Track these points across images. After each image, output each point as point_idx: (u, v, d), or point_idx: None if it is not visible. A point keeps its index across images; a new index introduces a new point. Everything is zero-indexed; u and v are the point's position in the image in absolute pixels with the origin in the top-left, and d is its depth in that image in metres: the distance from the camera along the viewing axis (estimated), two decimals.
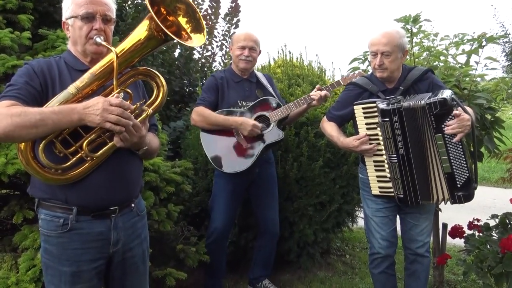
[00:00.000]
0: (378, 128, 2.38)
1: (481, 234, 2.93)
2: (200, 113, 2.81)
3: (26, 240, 2.16)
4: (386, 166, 2.41)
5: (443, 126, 2.21)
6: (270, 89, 2.97)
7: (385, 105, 2.33)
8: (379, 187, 2.46)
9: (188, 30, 1.62)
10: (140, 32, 1.54)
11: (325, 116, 2.73)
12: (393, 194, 2.43)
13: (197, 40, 1.62)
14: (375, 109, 2.36)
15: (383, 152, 2.40)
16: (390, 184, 2.42)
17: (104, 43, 1.57)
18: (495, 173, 8.13)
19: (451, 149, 2.24)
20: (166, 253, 2.78)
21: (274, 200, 3.04)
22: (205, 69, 4.84)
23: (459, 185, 2.27)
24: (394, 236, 2.59)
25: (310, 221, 3.32)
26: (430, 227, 2.66)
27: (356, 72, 2.97)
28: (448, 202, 2.41)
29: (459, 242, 3.15)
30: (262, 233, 3.06)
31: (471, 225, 2.90)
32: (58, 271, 1.61)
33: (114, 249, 1.68)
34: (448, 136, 2.21)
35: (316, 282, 3.37)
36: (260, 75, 3.06)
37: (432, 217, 2.66)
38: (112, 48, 1.50)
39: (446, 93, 2.25)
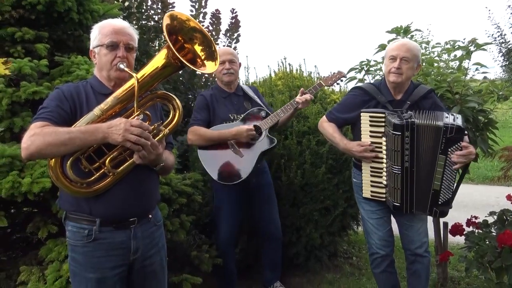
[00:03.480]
0: (384, 138, 2.48)
1: (480, 231, 3.06)
2: (195, 132, 2.95)
3: (51, 253, 2.32)
4: (384, 173, 2.52)
5: (449, 150, 2.35)
6: (257, 100, 3.12)
7: (398, 119, 2.41)
8: (371, 191, 2.60)
9: (203, 58, 1.78)
10: (159, 59, 1.71)
11: (325, 116, 2.79)
12: (383, 199, 2.56)
13: (210, 68, 1.78)
14: (383, 119, 2.47)
15: (384, 161, 2.51)
16: (383, 190, 2.55)
17: (126, 69, 1.73)
18: (498, 171, 8.23)
19: (447, 172, 2.39)
20: (181, 260, 2.92)
21: (274, 205, 3.18)
22: (208, 83, 5.00)
23: (440, 203, 2.44)
24: (391, 236, 2.71)
25: (316, 226, 3.46)
26: (426, 226, 2.76)
27: (336, 72, 3.10)
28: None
29: (461, 239, 3.27)
30: (266, 238, 3.21)
31: (469, 222, 3.03)
32: (85, 278, 1.75)
33: (134, 257, 1.81)
34: (449, 161, 2.36)
35: (324, 283, 3.51)
36: (246, 87, 3.20)
37: (426, 217, 2.75)
38: (134, 74, 1.66)
39: (459, 120, 2.37)
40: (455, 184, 2.42)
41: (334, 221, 3.53)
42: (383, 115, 2.47)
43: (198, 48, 1.79)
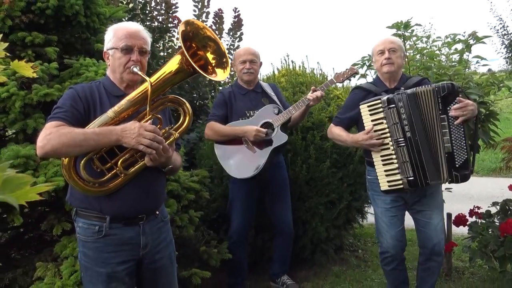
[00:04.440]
0: (384, 121, 2.53)
1: (483, 221, 3.12)
2: (210, 128, 3.11)
3: (66, 249, 2.40)
4: (394, 157, 2.53)
5: (448, 108, 2.41)
6: (275, 98, 3.19)
7: (390, 95, 2.53)
8: (388, 182, 2.57)
9: (214, 65, 1.83)
10: (172, 65, 1.75)
11: (331, 123, 2.88)
12: (401, 186, 2.53)
13: (220, 76, 1.82)
14: (380, 105, 2.54)
15: (390, 144, 2.53)
16: (398, 176, 2.53)
17: (140, 73, 1.77)
18: (499, 163, 8.25)
19: (453, 131, 2.42)
20: (190, 256, 2.99)
21: (287, 202, 3.26)
22: (213, 82, 5.08)
23: (457, 165, 2.44)
24: (403, 236, 2.72)
25: (321, 219, 3.52)
26: (442, 223, 2.78)
27: (348, 68, 3.13)
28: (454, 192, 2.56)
29: (465, 231, 3.32)
30: (278, 234, 3.29)
31: (472, 212, 3.08)
32: (96, 272, 1.81)
33: (143, 252, 1.87)
34: (452, 118, 2.40)
35: (331, 276, 3.58)
36: (265, 85, 3.29)
37: (442, 213, 2.78)
38: (147, 78, 1.70)
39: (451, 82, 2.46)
40: (467, 144, 2.43)
41: (339, 214, 3.59)
42: (379, 100, 2.55)
43: (210, 56, 1.83)
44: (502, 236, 2.83)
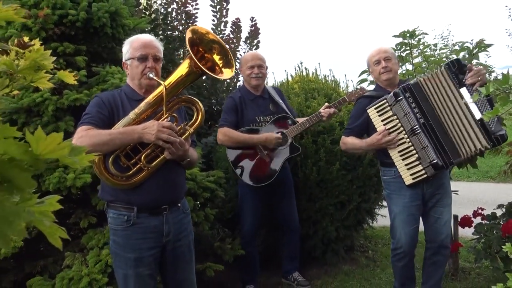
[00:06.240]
0: (395, 117, 2.67)
1: (487, 222, 3.22)
2: (225, 134, 3.17)
3: (92, 241, 2.63)
4: (412, 148, 2.63)
5: (463, 80, 2.56)
6: (282, 104, 3.35)
7: (396, 89, 2.68)
8: (411, 175, 2.66)
9: (221, 65, 2.04)
10: (183, 68, 1.97)
11: (343, 136, 2.98)
12: (426, 175, 2.62)
13: (226, 74, 2.05)
14: (386, 104, 2.69)
15: (405, 137, 2.64)
16: (420, 167, 2.63)
17: (155, 78, 2.01)
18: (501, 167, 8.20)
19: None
20: (206, 251, 3.19)
21: (292, 200, 3.42)
22: (230, 88, 5.28)
23: (492, 127, 2.55)
24: (416, 234, 2.82)
25: (331, 219, 3.68)
26: (451, 220, 2.90)
27: (359, 88, 3.31)
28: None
29: (470, 234, 3.42)
30: (285, 230, 3.46)
31: (475, 213, 3.19)
32: (124, 257, 2.02)
33: (166, 239, 2.08)
34: (470, 87, 2.54)
35: (341, 274, 3.71)
36: (270, 89, 3.42)
37: (451, 211, 2.89)
38: (162, 82, 1.93)
39: None
40: (491, 107, 2.50)
41: (349, 215, 3.73)
42: (385, 100, 2.69)
43: (216, 57, 2.05)
44: (505, 237, 2.93)
